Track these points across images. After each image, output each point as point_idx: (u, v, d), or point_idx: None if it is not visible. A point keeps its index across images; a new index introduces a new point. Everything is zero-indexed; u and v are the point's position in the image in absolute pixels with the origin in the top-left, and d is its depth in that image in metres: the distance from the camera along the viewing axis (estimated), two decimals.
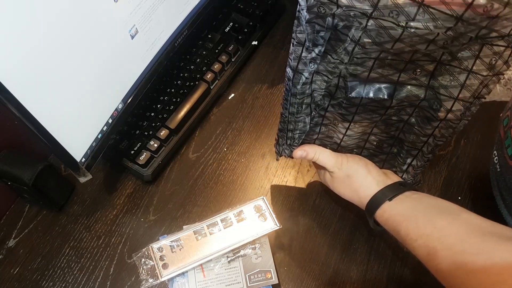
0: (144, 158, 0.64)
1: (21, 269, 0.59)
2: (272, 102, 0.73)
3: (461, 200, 0.63)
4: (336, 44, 0.41)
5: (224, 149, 0.69)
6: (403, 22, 0.36)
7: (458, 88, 0.44)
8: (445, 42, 0.39)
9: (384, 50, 0.41)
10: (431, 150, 0.53)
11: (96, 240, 0.61)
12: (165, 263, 0.56)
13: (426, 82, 0.46)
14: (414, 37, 0.38)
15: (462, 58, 0.42)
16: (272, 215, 0.59)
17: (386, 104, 0.48)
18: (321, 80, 0.46)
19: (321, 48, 0.42)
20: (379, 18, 0.37)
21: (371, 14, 0.37)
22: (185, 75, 0.72)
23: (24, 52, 0.44)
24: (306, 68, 0.44)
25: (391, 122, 0.53)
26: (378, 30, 0.38)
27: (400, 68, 0.45)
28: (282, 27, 0.83)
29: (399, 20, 0.36)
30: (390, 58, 0.43)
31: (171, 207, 0.64)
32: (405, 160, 0.57)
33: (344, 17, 0.38)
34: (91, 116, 0.57)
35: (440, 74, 0.45)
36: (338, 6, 0.37)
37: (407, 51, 0.42)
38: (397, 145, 0.57)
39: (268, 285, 0.56)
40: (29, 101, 0.45)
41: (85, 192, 0.65)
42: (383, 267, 0.58)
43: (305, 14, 0.39)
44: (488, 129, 0.68)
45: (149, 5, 0.59)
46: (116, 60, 0.57)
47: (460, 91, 0.44)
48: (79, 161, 0.56)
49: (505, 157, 0.51)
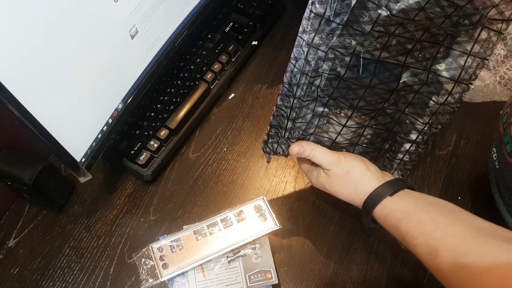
0: (144, 158, 0.64)
1: (21, 269, 0.59)
2: (272, 102, 0.73)
3: (461, 200, 0.63)
4: (360, 13, 0.42)
5: (224, 149, 0.69)
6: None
7: (459, 70, 0.46)
8: (458, 20, 0.42)
9: (404, 21, 0.43)
10: (426, 140, 0.54)
11: (96, 240, 0.61)
12: (165, 263, 0.56)
13: (428, 66, 0.48)
14: (436, 8, 0.40)
15: (462, 41, 0.45)
16: (272, 215, 0.59)
17: (392, 87, 0.49)
18: (332, 60, 0.47)
19: (344, 16, 0.42)
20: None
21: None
22: (185, 75, 0.72)
23: (24, 52, 0.44)
24: (323, 42, 0.44)
25: (389, 113, 0.53)
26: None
27: (409, 48, 0.46)
28: (282, 27, 0.83)
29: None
30: (402, 36, 0.45)
31: (171, 207, 0.64)
32: (396, 155, 0.57)
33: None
34: (91, 116, 0.57)
35: (442, 57, 0.47)
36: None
37: (421, 27, 0.44)
38: (391, 139, 0.57)
39: (268, 285, 0.56)
40: (29, 101, 0.45)
41: (85, 192, 0.65)
42: (383, 267, 0.58)
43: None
44: (488, 129, 0.68)
45: (149, 5, 0.59)
46: (116, 60, 0.57)
47: (460, 73, 0.47)
48: (79, 161, 0.56)
49: (504, 154, 0.51)
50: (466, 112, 0.70)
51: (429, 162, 0.66)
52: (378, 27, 0.44)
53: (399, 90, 0.50)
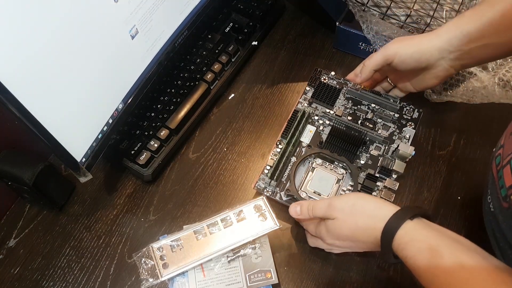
0: (144, 158, 0.64)
1: (22, 269, 0.59)
2: (272, 102, 0.73)
3: (461, 200, 0.63)
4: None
5: (224, 149, 0.69)
6: None
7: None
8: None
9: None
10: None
11: (96, 240, 0.61)
12: (165, 263, 0.56)
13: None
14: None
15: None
16: (272, 215, 0.59)
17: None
18: None
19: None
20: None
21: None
22: (185, 75, 0.72)
23: (24, 52, 0.44)
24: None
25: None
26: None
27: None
28: (282, 27, 0.83)
29: None
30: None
31: (171, 207, 0.64)
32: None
33: None
34: (92, 116, 0.57)
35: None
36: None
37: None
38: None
39: (268, 285, 0.56)
40: (29, 101, 0.46)
41: (86, 192, 0.66)
42: (383, 267, 0.58)
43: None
44: (487, 129, 0.69)
45: (150, 5, 0.59)
46: (116, 60, 0.57)
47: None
48: (79, 161, 0.56)
49: (499, 198, 0.47)
50: (466, 112, 0.70)
51: (429, 162, 0.66)
52: None
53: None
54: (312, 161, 0.63)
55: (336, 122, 0.66)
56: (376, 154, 0.64)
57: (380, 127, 0.66)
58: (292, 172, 0.61)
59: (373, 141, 0.65)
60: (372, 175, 0.62)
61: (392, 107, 0.67)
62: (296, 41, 0.81)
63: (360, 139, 0.64)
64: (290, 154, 0.63)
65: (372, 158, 0.63)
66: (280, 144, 0.64)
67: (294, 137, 0.64)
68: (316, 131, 0.66)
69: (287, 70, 0.77)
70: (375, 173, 0.62)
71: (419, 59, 0.58)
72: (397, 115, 0.67)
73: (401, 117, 0.67)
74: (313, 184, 0.61)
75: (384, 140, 0.64)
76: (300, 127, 0.65)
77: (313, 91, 0.69)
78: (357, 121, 0.66)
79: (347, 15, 0.74)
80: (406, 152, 0.61)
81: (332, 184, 0.61)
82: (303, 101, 0.69)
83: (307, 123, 0.66)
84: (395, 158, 0.63)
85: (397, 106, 0.67)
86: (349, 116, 0.67)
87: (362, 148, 0.64)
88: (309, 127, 0.66)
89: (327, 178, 0.62)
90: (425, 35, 0.59)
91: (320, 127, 0.66)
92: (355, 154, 0.63)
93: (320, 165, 0.63)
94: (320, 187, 0.61)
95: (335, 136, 0.64)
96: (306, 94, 0.69)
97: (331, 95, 0.68)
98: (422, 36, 0.59)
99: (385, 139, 0.64)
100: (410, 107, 0.67)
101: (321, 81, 0.70)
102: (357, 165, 0.62)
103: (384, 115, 0.66)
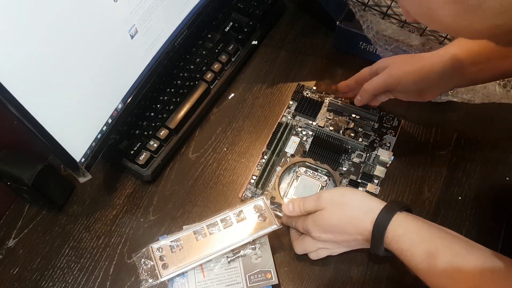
0: (144, 158, 0.64)
1: (21, 269, 0.59)
2: (272, 102, 0.73)
3: (461, 200, 0.63)
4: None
5: (224, 149, 0.69)
6: None
7: None
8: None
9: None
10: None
11: (95, 240, 0.61)
12: (165, 263, 0.56)
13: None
14: None
15: None
16: (272, 215, 0.59)
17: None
18: None
19: None
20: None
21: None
22: (185, 75, 0.72)
23: (23, 52, 0.44)
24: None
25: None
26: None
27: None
28: (282, 27, 0.82)
29: None
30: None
31: (171, 207, 0.64)
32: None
33: None
34: (91, 116, 0.57)
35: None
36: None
37: None
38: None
39: (268, 285, 0.55)
40: (28, 101, 0.45)
41: (85, 192, 0.65)
42: (383, 267, 0.58)
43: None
44: (487, 129, 0.68)
45: (149, 5, 0.59)
46: (116, 60, 0.57)
47: None
48: (78, 161, 0.55)
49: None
50: (466, 112, 0.70)
51: (429, 162, 0.66)
52: None
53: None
54: (296, 169, 0.65)
55: (318, 132, 0.68)
56: (358, 161, 0.65)
57: (361, 135, 0.67)
58: (277, 180, 0.63)
59: (355, 149, 0.67)
60: (354, 181, 0.63)
61: (372, 117, 0.69)
62: (296, 41, 0.80)
63: (341, 148, 0.66)
64: (275, 163, 0.65)
65: (354, 165, 0.65)
66: (265, 155, 0.65)
67: (278, 148, 0.66)
68: (300, 141, 0.68)
69: (287, 69, 0.77)
70: (357, 179, 0.64)
71: (421, 85, 0.59)
72: (377, 124, 0.69)
73: (381, 126, 0.69)
74: (298, 192, 0.63)
75: (365, 148, 0.66)
76: (284, 137, 0.67)
77: (296, 104, 0.71)
78: (339, 131, 0.68)
79: (347, 15, 0.74)
80: (385, 158, 0.64)
81: (316, 190, 0.63)
82: (287, 114, 0.70)
83: (291, 135, 0.68)
84: (376, 164, 0.65)
85: (376, 115, 0.69)
86: (331, 126, 0.69)
87: (345, 156, 0.66)
88: (293, 138, 0.68)
89: (311, 185, 0.63)
90: (427, 58, 0.58)
91: (303, 137, 0.68)
92: (338, 161, 0.65)
93: (304, 173, 0.64)
94: (305, 194, 0.62)
95: (318, 145, 0.66)
96: (290, 108, 0.71)
97: (313, 108, 0.70)
98: (424, 59, 0.58)
99: (366, 147, 0.66)
100: (390, 116, 0.69)
101: (303, 95, 0.72)
102: (340, 172, 0.64)
103: (365, 124, 0.68)
